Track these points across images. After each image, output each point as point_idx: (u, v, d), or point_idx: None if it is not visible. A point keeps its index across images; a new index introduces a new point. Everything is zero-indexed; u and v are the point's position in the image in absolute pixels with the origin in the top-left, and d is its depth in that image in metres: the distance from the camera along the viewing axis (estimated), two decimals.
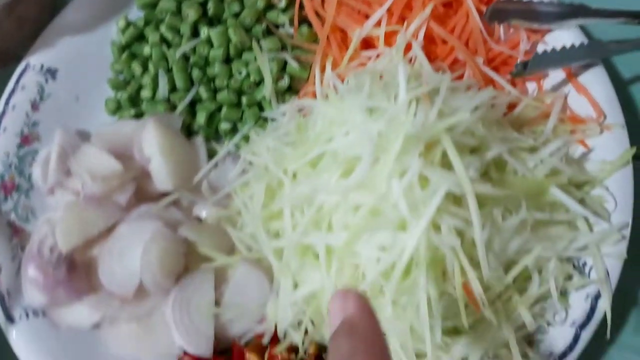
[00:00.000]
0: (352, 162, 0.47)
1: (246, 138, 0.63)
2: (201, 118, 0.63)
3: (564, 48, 0.57)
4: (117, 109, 0.65)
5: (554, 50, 0.57)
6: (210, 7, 0.64)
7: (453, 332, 0.49)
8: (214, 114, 0.64)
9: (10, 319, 0.52)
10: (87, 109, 0.65)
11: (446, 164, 0.45)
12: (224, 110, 0.64)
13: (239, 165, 0.60)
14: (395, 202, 0.44)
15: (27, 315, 0.53)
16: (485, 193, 0.45)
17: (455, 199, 0.45)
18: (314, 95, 0.61)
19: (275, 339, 0.52)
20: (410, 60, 0.58)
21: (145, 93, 0.65)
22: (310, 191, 0.49)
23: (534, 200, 0.51)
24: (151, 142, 0.58)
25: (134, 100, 0.65)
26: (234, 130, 0.64)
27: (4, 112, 0.61)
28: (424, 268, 0.44)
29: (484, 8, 0.62)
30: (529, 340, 0.51)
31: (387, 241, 0.45)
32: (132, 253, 0.52)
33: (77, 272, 0.52)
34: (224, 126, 0.64)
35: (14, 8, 0.66)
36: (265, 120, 0.63)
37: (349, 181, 0.46)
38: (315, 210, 0.49)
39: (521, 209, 0.48)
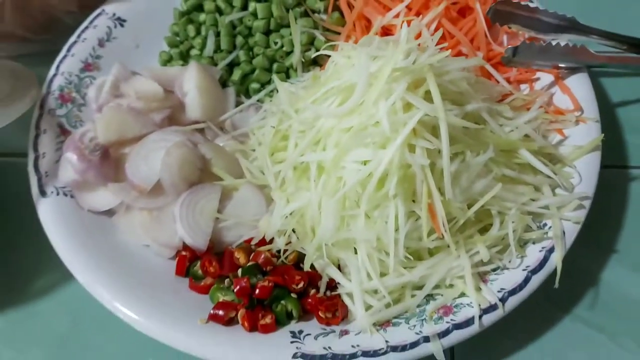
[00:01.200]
0: (349, 91, 0.55)
1: (269, 96, 0.72)
2: (236, 76, 0.73)
3: (550, 44, 0.65)
4: (168, 60, 0.76)
5: (541, 44, 0.65)
6: None
7: (416, 255, 0.54)
8: (247, 74, 0.74)
9: (43, 192, 0.60)
10: (143, 56, 0.75)
11: (429, 100, 0.53)
12: (257, 72, 0.73)
13: (260, 113, 0.69)
14: (379, 121, 0.51)
15: (57, 193, 0.61)
16: (456, 123, 0.52)
17: (433, 131, 0.52)
18: None
19: (261, 244, 0.58)
20: None
21: (194, 51, 0.75)
22: (312, 116, 0.57)
23: (505, 157, 0.57)
24: (190, 79, 0.68)
25: (184, 56, 0.76)
26: (260, 90, 0.73)
27: (75, 42, 0.72)
28: (395, 179, 0.51)
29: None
30: (483, 279, 0.56)
31: (368, 157, 0.52)
32: (156, 155, 0.60)
33: (108, 161, 0.60)
34: (254, 86, 0.73)
35: None
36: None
37: (345, 106, 0.54)
38: (314, 133, 0.56)
39: (489, 150, 0.54)
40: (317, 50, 0.73)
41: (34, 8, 0.76)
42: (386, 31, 0.72)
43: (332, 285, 0.56)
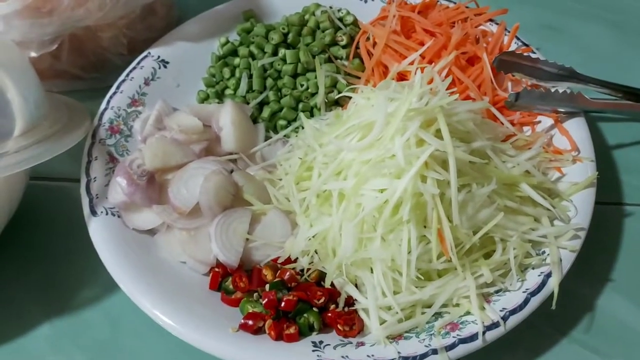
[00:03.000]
0: (368, 128, 0.61)
1: (295, 131, 0.78)
2: (266, 113, 0.79)
3: (549, 90, 0.70)
4: (205, 98, 0.83)
5: (541, 90, 0.70)
6: (290, 37, 0.82)
7: (426, 276, 0.59)
8: (275, 112, 0.80)
9: (93, 212, 0.66)
10: (183, 94, 0.82)
11: (439, 137, 0.58)
12: (284, 111, 0.80)
13: (287, 146, 0.75)
14: (395, 154, 0.57)
15: (106, 213, 0.67)
16: (463, 158, 0.58)
17: (443, 164, 0.58)
18: None
19: (286, 263, 0.63)
20: None
21: (228, 91, 0.82)
22: (335, 150, 0.63)
23: (507, 190, 0.63)
24: (226, 115, 0.74)
25: (219, 95, 0.83)
26: (287, 126, 0.80)
27: (124, 80, 0.79)
28: (408, 206, 0.56)
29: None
30: (487, 299, 0.60)
31: (385, 186, 0.58)
32: (195, 181, 0.66)
33: (153, 186, 0.66)
34: (281, 122, 0.80)
35: (146, 17, 0.87)
36: None
37: (365, 141, 0.60)
38: (336, 164, 0.62)
39: (492, 182, 0.59)
40: (340, 92, 0.79)
41: (88, 50, 0.83)
42: (402, 76, 0.78)
43: (350, 301, 0.61)
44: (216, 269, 0.64)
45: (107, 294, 0.68)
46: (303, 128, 0.77)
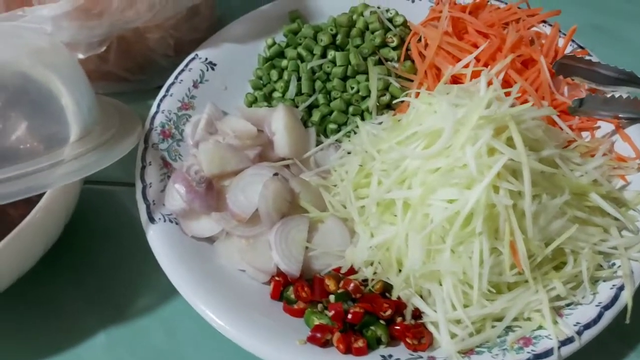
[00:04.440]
0: (434, 136, 0.59)
1: (347, 136, 0.76)
2: (316, 117, 0.77)
3: (613, 96, 0.68)
4: (253, 101, 0.80)
5: (605, 96, 0.68)
6: (339, 38, 0.79)
7: (496, 288, 0.57)
8: (325, 116, 0.78)
9: (151, 219, 0.64)
10: (231, 97, 0.80)
11: (510, 146, 0.56)
12: (334, 114, 0.77)
13: (339, 152, 0.73)
14: (466, 164, 0.55)
15: (164, 219, 0.65)
16: (536, 168, 0.55)
17: (514, 174, 0.56)
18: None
19: (349, 273, 0.61)
20: None
21: (277, 94, 0.80)
22: (398, 158, 0.60)
23: (577, 200, 0.60)
24: (278, 120, 0.72)
25: (267, 97, 0.80)
26: (338, 130, 0.77)
27: (173, 83, 0.77)
28: (481, 218, 0.54)
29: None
30: (559, 313, 0.58)
31: (455, 196, 0.56)
32: (253, 188, 0.64)
33: (212, 193, 0.64)
34: (331, 126, 0.77)
35: (191, 18, 0.84)
36: None
37: (432, 149, 0.58)
38: (400, 172, 0.60)
39: (564, 194, 0.57)
40: (392, 95, 0.76)
41: (136, 51, 0.81)
42: (455, 79, 0.75)
43: (417, 314, 0.58)
44: (277, 278, 0.62)
45: (163, 302, 0.66)
46: (355, 132, 0.75)
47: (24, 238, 0.57)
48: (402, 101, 0.76)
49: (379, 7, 0.83)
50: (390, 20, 0.82)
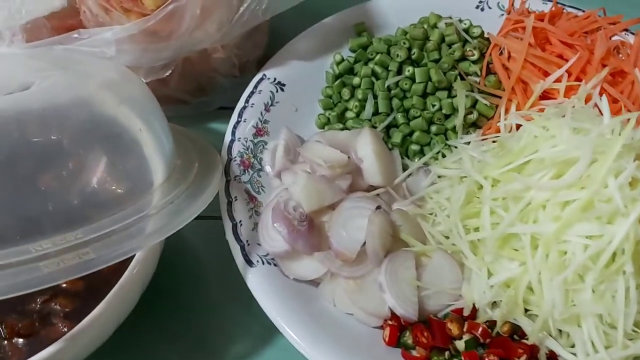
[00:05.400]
0: (563, 166, 0.54)
1: (434, 158, 0.71)
2: (397, 138, 0.72)
3: None
4: (326, 123, 0.75)
5: None
6: (415, 52, 0.74)
7: (637, 326, 0.53)
8: (405, 137, 0.73)
9: (249, 262, 0.58)
10: (302, 120, 0.74)
11: None
12: (416, 135, 0.72)
13: (430, 177, 0.68)
14: (610, 197, 0.50)
15: (262, 262, 0.59)
16: None
17: None
18: (497, 131, 0.70)
19: (472, 314, 0.57)
20: None
21: (350, 114, 0.75)
22: (520, 189, 0.56)
23: None
24: (366, 145, 0.67)
25: (340, 118, 0.75)
26: (420, 152, 0.72)
27: (244, 107, 0.71)
28: (629, 257, 0.50)
29: None
30: None
31: (595, 231, 0.51)
32: (353, 223, 0.59)
33: (314, 231, 0.59)
34: (414, 147, 0.72)
35: (252, 35, 0.78)
36: (448, 147, 0.71)
37: (563, 180, 0.53)
38: (523, 204, 0.55)
39: None
40: (480, 112, 0.72)
41: (200, 73, 0.75)
42: (546, 95, 0.71)
43: (552, 356, 0.54)
44: (391, 322, 0.57)
45: (260, 347, 0.61)
46: (444, 155, 0.70)
47: (125, 293, 0.51)
48: (487, 118, 0.72)
49: (450, 17, 0.78)
50: (466, 31, 0.77)
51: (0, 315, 0.52)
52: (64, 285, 0.53)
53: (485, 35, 0.78)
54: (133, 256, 0.52)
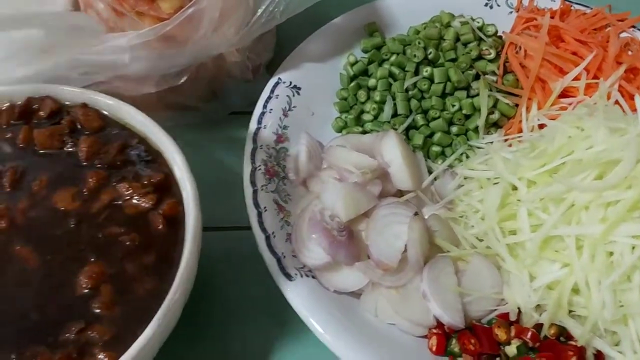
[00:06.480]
0: (606, 166, 0.54)
1: (458, 160, 0.70)
2: (418, 140, 0.70)
3: None
4: (343, 126, 0.73)
5: None
6: (431, 53, 0.73)
7: None
8: (426, 138, 0.72)
9: (287, 276, 0.56)
10: (319, 123, 0.72)
11: None
12: (437, 136, 0.71)
13: (457, 179, 0.67)
14: None
15: (300, 274, 0.57)
16: None
17: None
18: (519, 130, 0.69)
19: (518, 319, 0.56)
20: None
21: (367, 116, 0.73)
22: (561, 191, 0.55)
23: None
24: (392, 148, 0.65)
25: (358, 121, 0.73)
26: (442, 153, 0.71)
27: (263, 112, 0.68)
28: None
29: None
30: None
31: None
32: (390, 231, 0.57)
33: (354, 240, 0.57)
34: (435, 149, 0.71)
35: (263, 37, 0.75)
36: (470, 147, 0.70)
37: (607, 180, 0.53)
38: (566, 206, 0.55)
39: None
40: (501, 112, 0.71)
41: (214, 78, 0.72)
42: (564, 93, 0.71)
43: (599, 356, 0.54)
44: (436, 331, 0.56)
45: None
46: (467, 156, 0.69)
47: (170, 315, 0.48)
48: (508, 118, 0.72)
49: (462, 16, 0.78)
50: (480, 29, 0.76)
51: (29, 347, 0.48)
52: (98, 311, 0.49)
53: (499, 34, 0.77)
54: (173, 278, 0.49)
